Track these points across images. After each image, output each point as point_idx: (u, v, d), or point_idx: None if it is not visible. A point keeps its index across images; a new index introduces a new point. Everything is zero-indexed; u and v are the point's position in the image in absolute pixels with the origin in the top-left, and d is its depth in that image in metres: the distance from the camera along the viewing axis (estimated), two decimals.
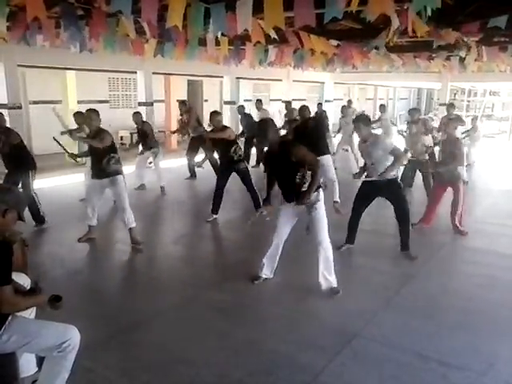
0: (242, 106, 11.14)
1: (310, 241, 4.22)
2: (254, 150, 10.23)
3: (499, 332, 3.61)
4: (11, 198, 2.42)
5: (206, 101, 16.87)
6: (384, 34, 5.39)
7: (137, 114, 8.05)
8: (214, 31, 4.06)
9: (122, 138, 13.02)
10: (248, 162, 7.32)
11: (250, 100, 17.54)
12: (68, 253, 5.24)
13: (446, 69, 10.43)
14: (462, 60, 8.38)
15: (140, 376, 3.00)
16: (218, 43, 5.94)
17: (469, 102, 23.44)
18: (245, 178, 6.35)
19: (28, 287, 2.67)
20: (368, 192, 5.02)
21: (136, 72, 11.00)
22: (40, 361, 2.62)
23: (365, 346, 3.38)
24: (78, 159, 6.21)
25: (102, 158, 5.14)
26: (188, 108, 9.12)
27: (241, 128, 10.83)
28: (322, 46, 5.97)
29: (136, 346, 3.34)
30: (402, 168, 6.65)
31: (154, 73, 11.12)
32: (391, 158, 4.72)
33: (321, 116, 10.84)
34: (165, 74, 12.82)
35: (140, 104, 11.03)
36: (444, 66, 9.63)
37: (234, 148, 6.16)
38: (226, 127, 6.31)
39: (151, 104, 11.00)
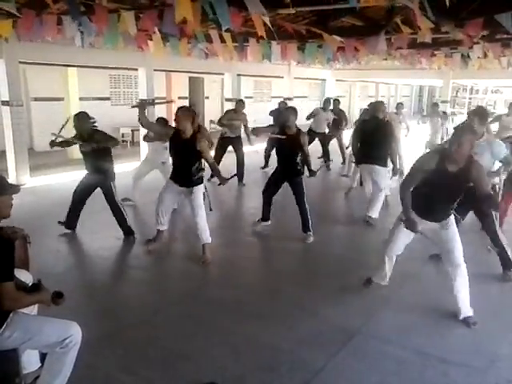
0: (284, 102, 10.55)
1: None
2: None
3: (500, 330, 3.61)
4: None
5: (207, 98, 16.87)
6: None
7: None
8: (220, 26, 4.07)
9: (123, 135, 13.04)
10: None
11: (252, 97, 17.53)
12: (70, 249, 5.25)
13: (448, 66, 10.39)
14: (464, 57, 8.35)
15: (141, 372, 3.01)
16: (222, 40, 5.93)
17: (470, 99, 23.41)
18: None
19: (30, 284, 2.68)
20: None
21: (137, 69, 10.99)
22: (42, 357, 2.62)
23: (365, 343, 3.39)
24: None
25: (193, 163, 4.67)
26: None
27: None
28: (328, 38, 5.97)
29: (137, 343, 3.35)
30: None
31: (155, 70, 11.10)
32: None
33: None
34: (166, 71, 12.81)
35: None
36: (446, 62, 9.59)
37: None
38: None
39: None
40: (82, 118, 5.16)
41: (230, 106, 13.16)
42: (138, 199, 6.82)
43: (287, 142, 5.28)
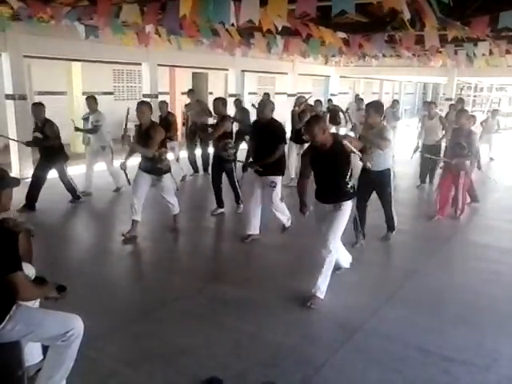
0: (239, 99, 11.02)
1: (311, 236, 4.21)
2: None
3: (503, 327, 3.60)
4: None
5: (211, 93, 16.83)
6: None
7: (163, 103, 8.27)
8: (216, 21, 4.05)
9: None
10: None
11: (256, 93, 17.49)
12: (74, 243, 5.26)
13: (453, 63, 10.35)
14: (469, 55, 8.31)
15: (143, 366, 3.01)
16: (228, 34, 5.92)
17: (475, 97, 23.30)
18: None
19: (33, 277, 2.68)
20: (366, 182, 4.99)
21: (141, 64, 10.97)
22: (45, 349, 2.63)
23: (367, 339, 3.38)
24: None
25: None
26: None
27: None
28: (330, 37, 5.94)
29: (139, 337, 3.35)
30: None
31: (159, 65, 11.09)
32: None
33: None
34: (170, 66, 12.78)
35: (144, 96, 10.99)
36: (451, 59, 9.54)
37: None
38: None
39: (156, 96, 10.98)
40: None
41: (233, 102, 13.19)
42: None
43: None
